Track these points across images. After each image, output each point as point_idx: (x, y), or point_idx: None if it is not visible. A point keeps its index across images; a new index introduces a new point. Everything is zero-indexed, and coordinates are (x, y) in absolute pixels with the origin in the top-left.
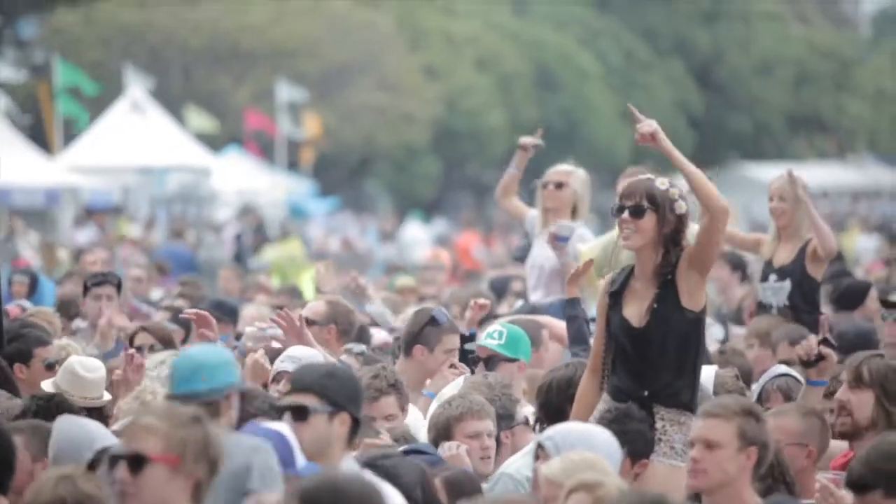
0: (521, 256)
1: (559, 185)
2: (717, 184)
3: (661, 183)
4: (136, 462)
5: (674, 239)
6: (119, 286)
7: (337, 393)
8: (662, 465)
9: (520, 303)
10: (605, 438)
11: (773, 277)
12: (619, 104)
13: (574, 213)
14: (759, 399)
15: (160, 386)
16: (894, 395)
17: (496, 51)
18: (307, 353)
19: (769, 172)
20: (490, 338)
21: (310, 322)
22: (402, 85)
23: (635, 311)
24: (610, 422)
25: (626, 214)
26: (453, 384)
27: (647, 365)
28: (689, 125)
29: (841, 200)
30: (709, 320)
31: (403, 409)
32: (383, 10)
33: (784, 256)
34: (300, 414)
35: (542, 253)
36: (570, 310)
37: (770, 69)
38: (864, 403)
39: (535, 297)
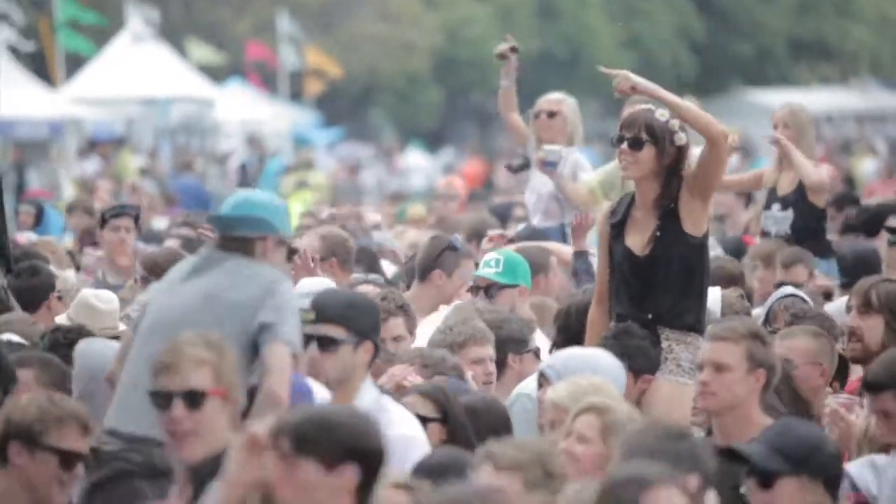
0: (513, 168)
1: (551, 114)
2: (703, 107)
3: (661, 115)
4: (192, 398)
5: (674, 170)
6: (137, 218)
7: (362, 322)
8: (668, 381)
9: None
10: (609, 362)
11: (776, 206)
12: (620, 31)
13: (569, 141)
14: (767, 320)
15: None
16: None
17: None
18: (319, 284)
19: (772, 98)
20: (487, 266)
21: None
22: (403, 15)
23: (638, 241)
24: (609, 338)
25: (624, 146)
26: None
27: (651, 291)
28: (690, 51)
29: (845, 125)
30: (712, 241)
31: (411, 332)
32: None
33: (786, 185)
34: (328, 345)
35: (538, 178)
36: (576, 263)
37: None
38: (873, 328)
39: (535, 221)
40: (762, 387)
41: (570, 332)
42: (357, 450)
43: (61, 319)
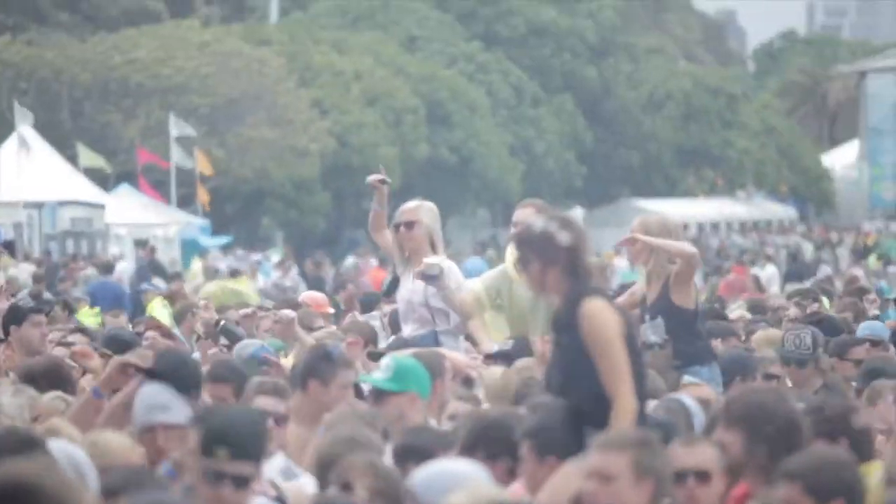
0: (388, 291)
1: (409, 225)
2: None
3: (537, 224)
4: None
5: (571, 270)
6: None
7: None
8: (570, 465)
9: (391, 338)
10: (475, 475)
11: (647, 317)
12: (509, 139)
13: (433, 247)
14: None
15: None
16: (761, 435)
17: (386, 86)
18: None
19: (660, 207)
20: (378, 371)
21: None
22: (293, 119)
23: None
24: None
25: (519, 268)
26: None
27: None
28: (578, 160)
29: (733, 234)
30: None
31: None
32: (272, 46)
33: (652, 295)
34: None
35: (406, 288)
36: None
37: (658, 105)
38: (735, 443)
39: (408, 330)
40: (651, 498)
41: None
42: None
43: None
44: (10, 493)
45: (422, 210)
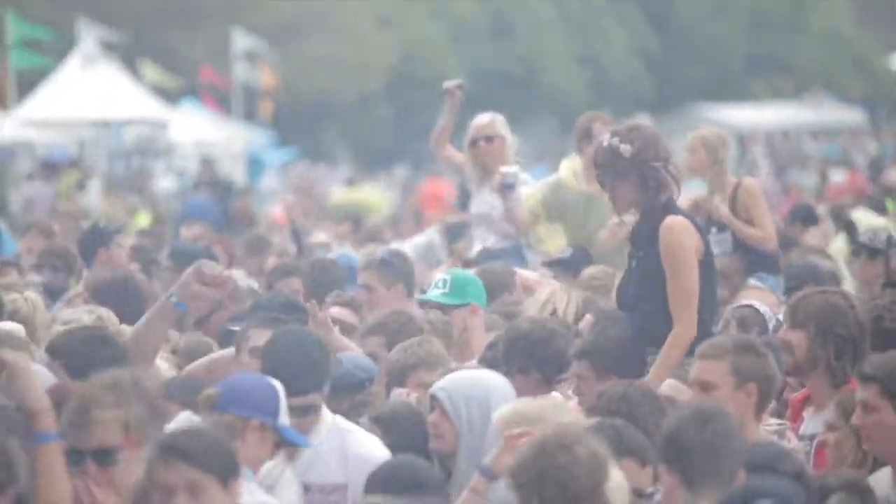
0: (462, 204)
1: (489, 139)
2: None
3: (605, 140)
4: (103, 455)
5: (641, 182)
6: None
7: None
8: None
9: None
10: (496, 381)
11: (713, 230)
12: (575, 49)
13: (511, 157)
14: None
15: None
16: (829, 336)
17: None
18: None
19: (727, 114)
20: (435, 287)
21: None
22: (356, 35)
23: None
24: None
25: (600, 188)
26: None
27: (642, 316)
28: (646, 69)
29: (800, 139)
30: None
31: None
32: None
33: (723, 209)
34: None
35: (484, 200)
36: None
37: (725, 10)
38: (802, 341)
39: (490, 242)
40: (756, 401)
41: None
42: None
43: None
44: None
45: (497, 124)
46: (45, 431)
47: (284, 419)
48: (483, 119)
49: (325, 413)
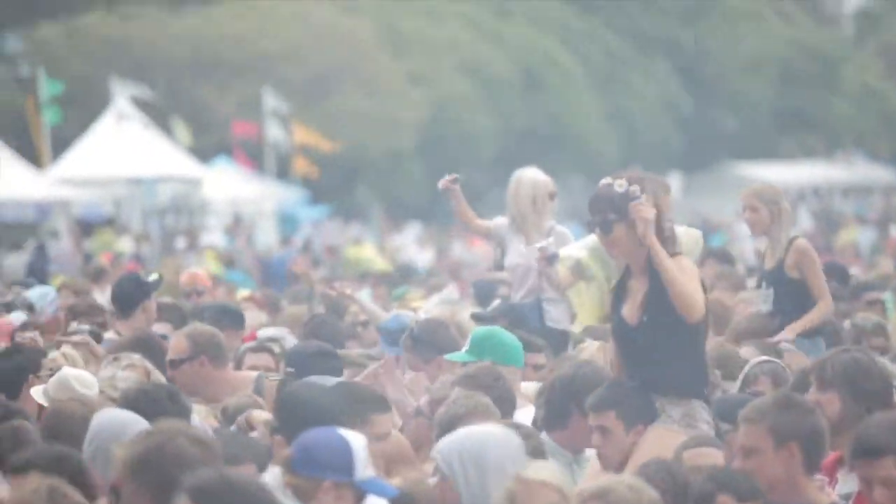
0: (499, 267)
1: (552, 196)
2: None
3: (619, 185)
4: None
5: (657, 229)
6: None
7: None
8: (657, 428)
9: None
10: (494, 434)
11: (763, 284)
12: (605, 105)
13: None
14: (744, 383)
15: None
16: (858, 392)
17: (480, 55)
18: None
19: (758, 171)
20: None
21: (176, 362)
22: (387, 90)
23: (630, 309)
24: (602, 389)
25: (598, 232)
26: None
27: (641, 357)
28: (676, 125)
29: (832, 198)
30: None
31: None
32: (364, 15)
33: (769, 263)
34: None
35: (521, 251)
36: None
37: (756, 67)
38: (831, 402)
39: (519, 296)
40: (802, 459)
41: (552, 406)
42: None
43: (37, 393)
44: None
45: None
46: None
47: (364, 471)
48: (544, 176)
49: None
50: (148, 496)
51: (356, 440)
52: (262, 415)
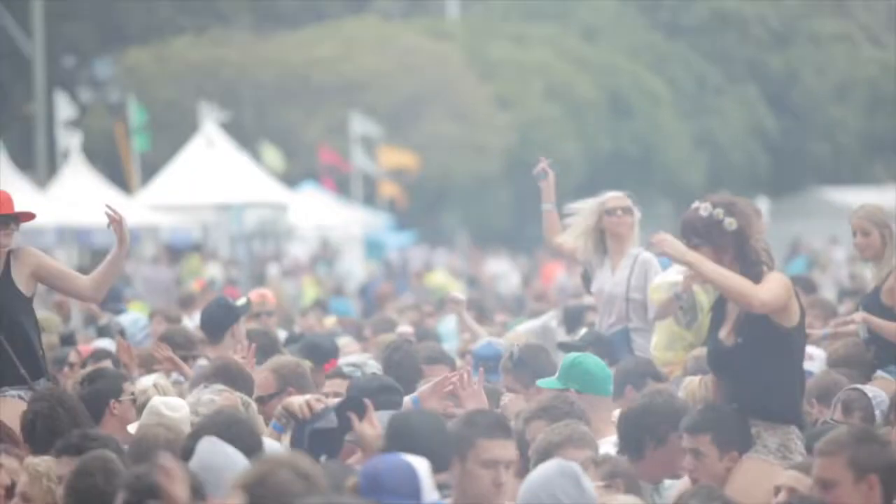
0: (588, 288)
1: (627, 210)
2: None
3: (704, 209)
4: None
5: (741, 256)
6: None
7: None
8: (753, 459)
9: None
10: (543, 480)
11: (860, 309)
12: (692, 130)
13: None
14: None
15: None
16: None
17: (567, 79)
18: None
19: (847, 196)
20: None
21: (265, 398)
22: (474, 115)
23: (726, 331)
24: (698, 412)
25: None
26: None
27: (737, 381)
28: (765, 150)
29: None
30: None
31: None
32: (451, 40)
33: (870, 286)
34: None
35: (609, 279)
36: None
37: (845, 92)
38: None
39: (605, 324)
40: (882, 492)
41: (628, 437)
42: None
43: (132, 428)
44: None
45: (630, 200)
46: None
47: (430, 496)
48: (615, 193)
49: None
50: None
51: (421, 465)
52: (297, 399)
